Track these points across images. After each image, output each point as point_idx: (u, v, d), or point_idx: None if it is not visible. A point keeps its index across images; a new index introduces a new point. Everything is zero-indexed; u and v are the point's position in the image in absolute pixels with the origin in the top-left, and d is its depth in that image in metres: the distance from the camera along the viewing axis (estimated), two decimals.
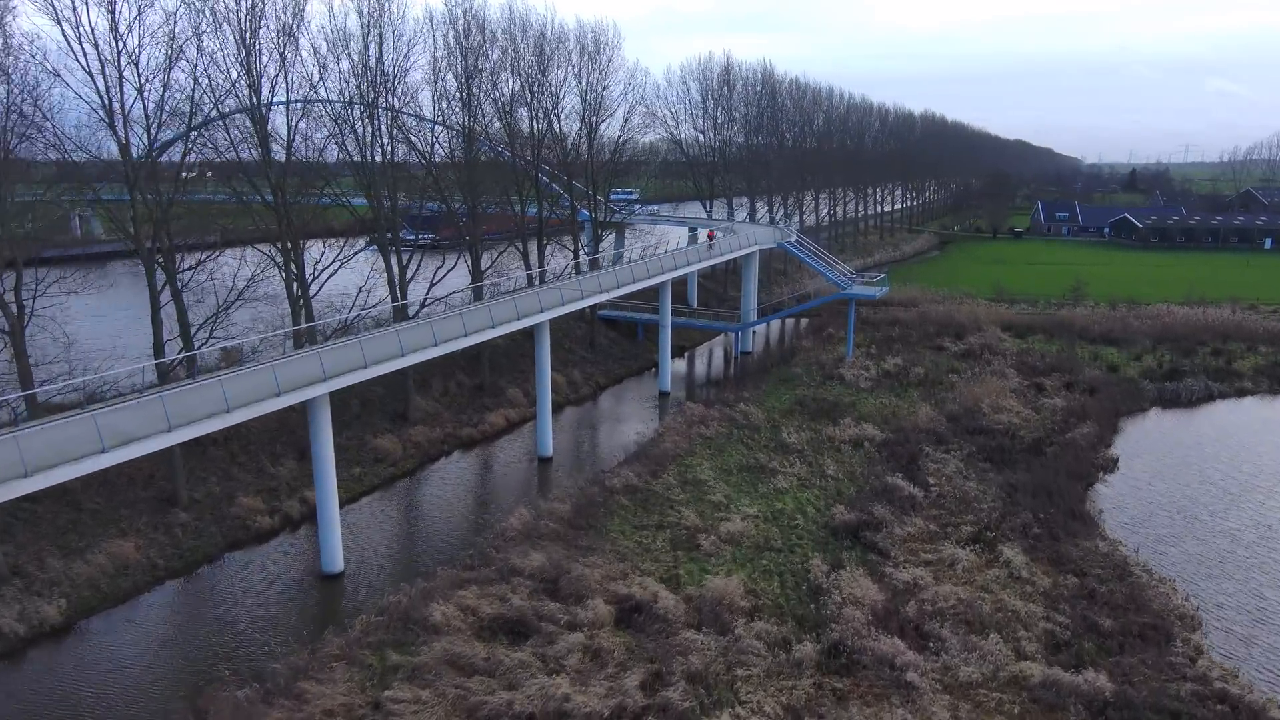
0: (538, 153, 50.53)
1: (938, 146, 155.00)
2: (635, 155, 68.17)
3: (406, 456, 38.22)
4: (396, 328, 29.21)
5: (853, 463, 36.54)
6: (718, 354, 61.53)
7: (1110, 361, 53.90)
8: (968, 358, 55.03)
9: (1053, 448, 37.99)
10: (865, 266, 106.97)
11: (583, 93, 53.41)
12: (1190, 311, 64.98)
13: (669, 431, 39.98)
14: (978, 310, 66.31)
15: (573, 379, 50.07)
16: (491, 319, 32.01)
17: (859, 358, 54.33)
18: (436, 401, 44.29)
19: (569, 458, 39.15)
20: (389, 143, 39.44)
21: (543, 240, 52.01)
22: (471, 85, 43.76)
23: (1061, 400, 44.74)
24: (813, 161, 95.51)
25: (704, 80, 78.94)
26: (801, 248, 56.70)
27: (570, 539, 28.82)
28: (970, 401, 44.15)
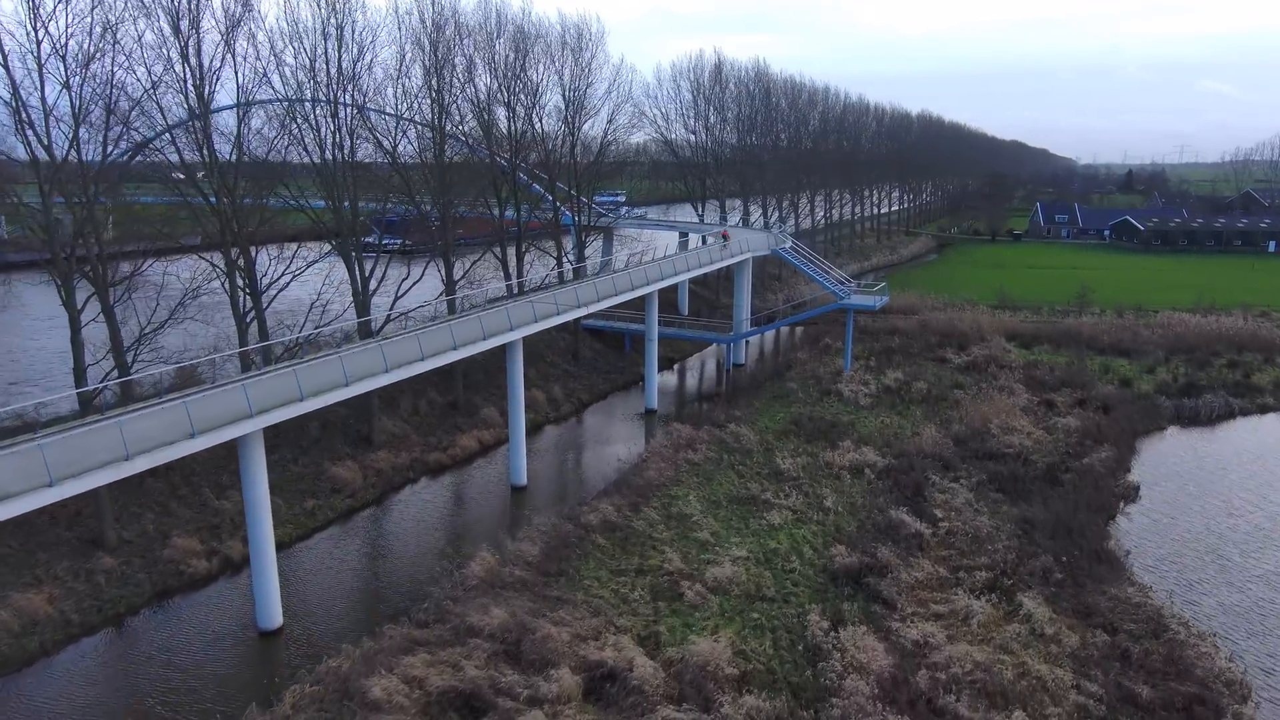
0: (515, 152, 47.44)
1: (935, 147, 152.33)
2: (622, 156, 65.16)
3: (367, 486, 35.07)
4: (341, 352, 26.09)
5: (853, 493, 33.55)
6: (709, 366, 58.54)
7: (1122, 375, 51.06)
8: (972, 371, 52.13)
9: (1069, 475, 35.05)
10: (862, 271, 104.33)
11: (565, 90, 50.38)
12: (1203, 320, 62.22)
13: (654, 457, 36.92)
14: (980, 318, 63.39)
15: (553, 395, 46.98)
16: (453, 339, 28.89)
17: (858, 371, 51.39)
18: (405, 422, 41.15)
19: (544, 487, 36.06)
20: (350, 141, 36.28)
21: (521, 246, 48.87)
22: (441, 79, 40.67)
23: (1075, 420, 41.82)
24: (808, 163, 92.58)
25: (695, 79, 75.99)
26: (797, 254, 53.72)
27: (539, 588, 25.74)
28: (978, 421, 41.20)
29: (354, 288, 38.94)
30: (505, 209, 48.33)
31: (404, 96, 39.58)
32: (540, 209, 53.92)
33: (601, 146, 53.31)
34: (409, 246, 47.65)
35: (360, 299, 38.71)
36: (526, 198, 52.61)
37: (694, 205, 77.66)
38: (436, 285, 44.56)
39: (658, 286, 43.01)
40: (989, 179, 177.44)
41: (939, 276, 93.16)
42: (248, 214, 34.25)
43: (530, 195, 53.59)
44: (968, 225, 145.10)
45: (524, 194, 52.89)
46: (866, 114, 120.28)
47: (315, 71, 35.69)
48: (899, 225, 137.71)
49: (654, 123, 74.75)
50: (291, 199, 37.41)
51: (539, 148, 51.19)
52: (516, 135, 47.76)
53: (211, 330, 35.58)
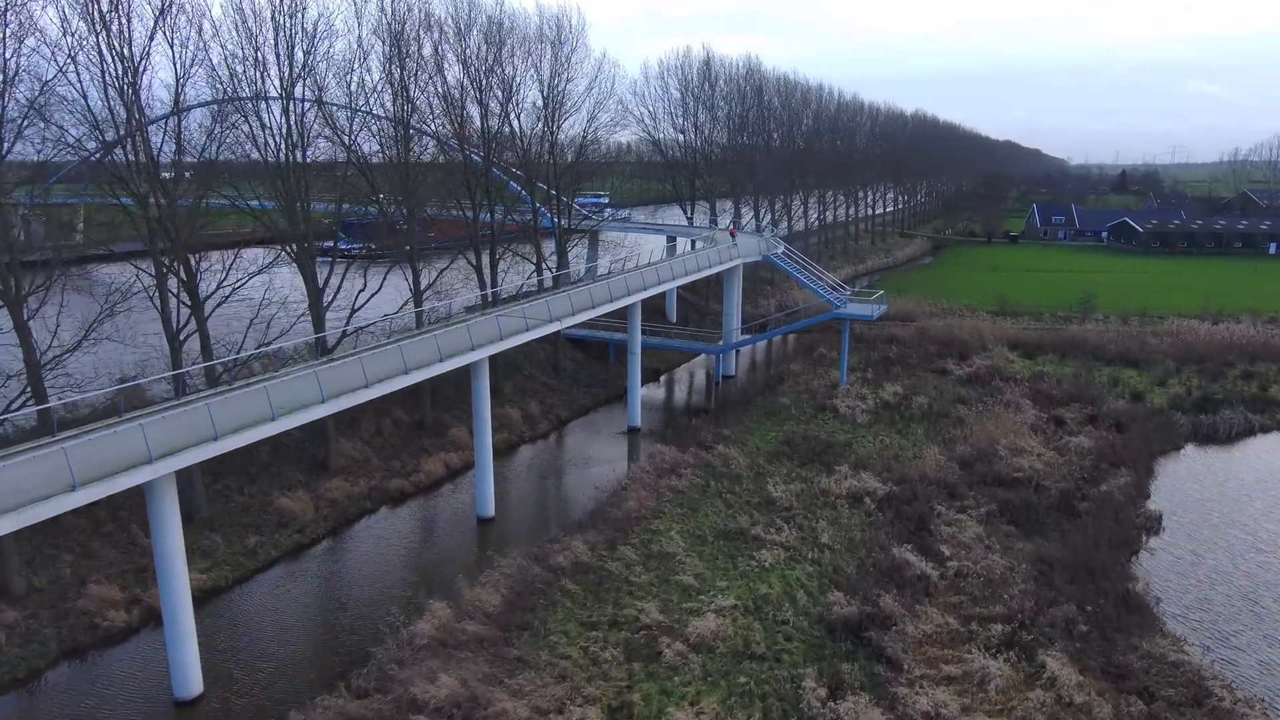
0: (488, 151, 44.34)
1: (930, 147, 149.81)
2: (605, 155, 62.13)
3: (318, 518, 31.92)
4: (269, 380, 22.94)
5: (851, 526, 30.60)
6: (698, 376, 55.54)
7: (1134, 388, 48.33)
8: (975, 383, 49.30)
9: (1086, 503, 32.20)
10: (856, 274, 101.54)
11: (543, 86, 47.30)
12: (1213, 329, 59.62)
13: (634, 484, 33.89)
14: (981, 326, 60.65)
15: (529, 413, 43.86)
16: (404, 363, 25.79)
17: (854, 384, 48.50)
18: (365, 444, 38.01)
19: (514, 518, 32.99)
20: (302, 137, 33.10)
21: (495, 251, 45.74)
22: (404, 70, 37.58)
23: (1088, 439, 39.01)
24: (802, 163, 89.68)
25: (683, 76, 73.04)
26: (790, 260, 50.79)
27: (498, 645, 22.70)
28: (984, 441, 38.36)
29: (310, 298, 35.80)
30: (479, 210, 45.24)
31: (364, 89, 36.47)
32: (518, 210, 50.81)
33: (582, 145, 50.23)
34: (375, 251, 44.34)
35: (316, 310, 35.55)
36: (503, 198, 49.52)
37: (682, 207, 74.69)
38: (403, 293, 41.39)
39: (640, 297, 39.99)
40: (984, 179, 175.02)
41: (936, 280, 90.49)
42: (187, 216, 31.07)
43: (507, 195, 50.49)
44: (963, 227, 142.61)
45: (500, 194, 49.83)
46: (861, 113, 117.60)
47: (264, 63, 32.54)
48: (893, 227, 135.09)
49: (640, 121, 71.87)
50: (239, 199, 34.18)
51: (515, 145, 48.13)
52: (490, 132, 44.65)
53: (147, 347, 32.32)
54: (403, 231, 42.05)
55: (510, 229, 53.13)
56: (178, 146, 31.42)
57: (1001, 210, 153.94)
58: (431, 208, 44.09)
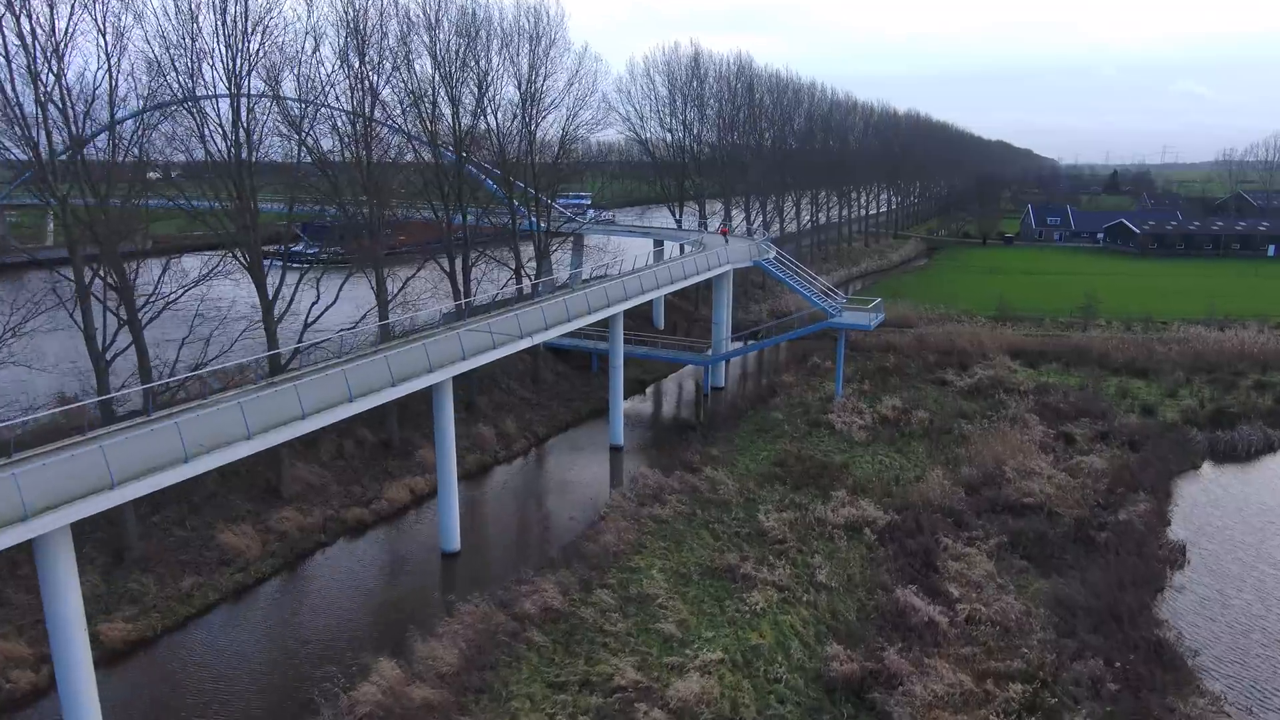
0: (460, 148, 41.53)
1: (923, 147, 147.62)
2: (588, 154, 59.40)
3: (266, 554, 29.04)
4: (179, 416, 20.04)
5: (850, 560, 27.96)
6: (687, 387, 52.81)
7: (1143, 399, 45.92)
8: (977, 395, 46.80)
9: (1104, 533, 29.64)
10: (850, 277, 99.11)
11: (520, 81, 44.51)
12: (1222, 336, 57.29)
13: (614, 513, 31.17)
14: (981, 334, 58.20)
15: (504, 430, 41.04)
16: (348, 389, 22.97)
17: (850, 396, 45.91)
18: (324, 468, 35.15)
19: (481, 553, 30.17)
20: (245, 134, 30.19)
21: (468, 257, 42.89)
22: (364, 62, 34.76)
23: (1100, 459, 36.50)
24: (794, 163, 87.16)
25: (671, 73, 70.35)
26: (782, 266, 48.17)
27: (452, 713, 19.93)
28: (990, 462, 35.81)
29: (263, 309, 32.87)
30: (452, 212, 42.39)
31: (321, 81, 33.62)
32: (494, 211, 48.00)
33: (562, 143, 47.47)
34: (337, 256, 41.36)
35: (268, 323, 32.65)
36: (478, 198, 46.70)
37: (670, 209, 71.99)
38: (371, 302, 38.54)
39: (622, 308, 37.23)
40: (977, 180, 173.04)
41: (932, 284, 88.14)
42: (120, 217, 28.16)
43: (482, 195, 47.61)
44: (958, 228, 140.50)
45: (475, 193, 47.03)
46: (854, 112, 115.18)
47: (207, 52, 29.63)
48: (887, 228, 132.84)
49: (626, 120, 69.19)
50: (180, 199, 31.25)
51: (490, 143, 45.35)
52: (461, 130, 41.83)
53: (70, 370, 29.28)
54: (366, 235, 39.18)
55: (487, 231, 50.38)
56: (111, 142, 28.59)
57: (996, 211, 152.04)
58: (399, 209, 41.24)
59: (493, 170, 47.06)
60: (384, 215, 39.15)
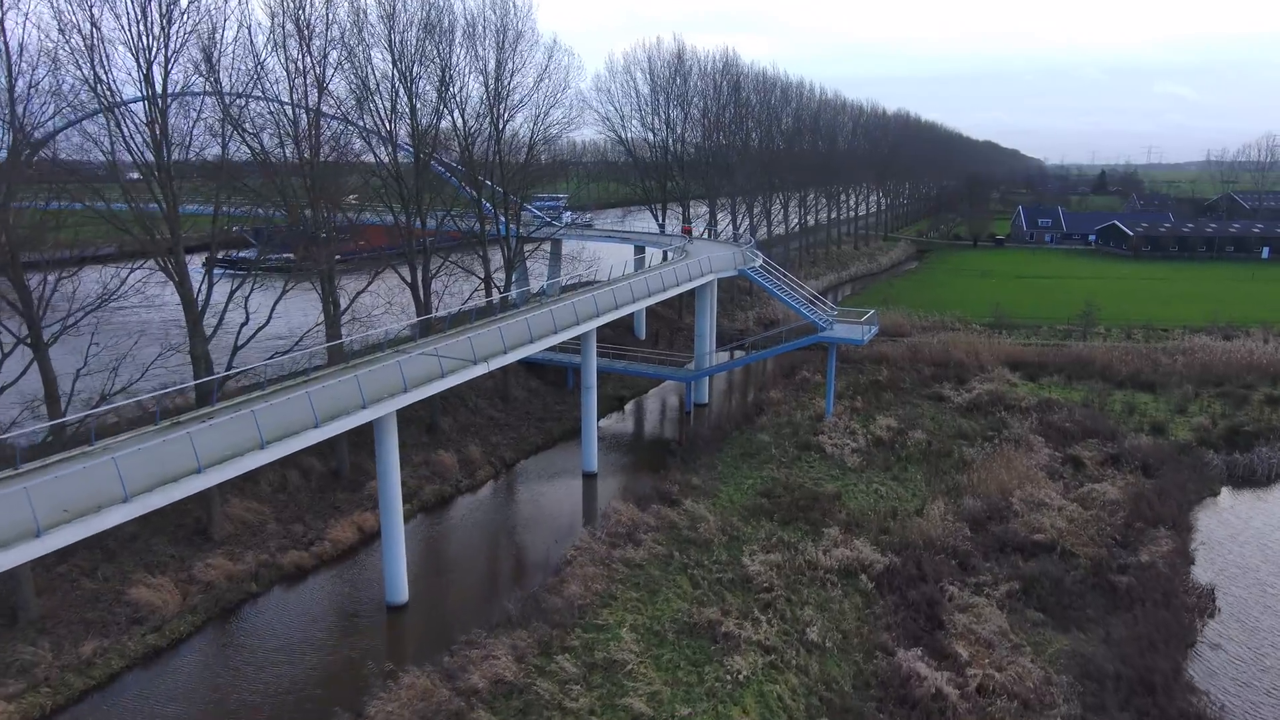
0: (419, 146, 38.24)
1: (913, 148, 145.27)
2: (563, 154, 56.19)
3: (186, 609, 25.66)
4: (29, 479, 16.62)
5: (845, 613, 24.93)
6: (669, 403, 49.60)
7: (1152, 417, 43.22)
8: (976, 413, 43.95)
9: (1125, 578, 26.75)
10: (840, 281, 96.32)
11: (486, 77, 41.22)
12: (1229, 346, 54.81)
13: (582, 556, 27.98)
14: (977, 344, 55.42)
15: (468, 456, 37.75)
16: (259, 434, 19.69)
17: (841, 414, 42.95)
18: (263, 503, 31.77)
19: (431, 605, 26.86)
20: (161, 132, 26.81)
21: (428, 265, 39.56)
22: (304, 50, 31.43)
23: (1113, 487, 33.66)
24: (782, 163, 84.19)
25: (652, 69, 67.19)
26: (769, 275, 45.13)
27: None
28: (995, 491, 32.94)
29: (189, 326, 29.43)
30: (413, 215, 39.04)
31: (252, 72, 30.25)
32: (461, 215, 44.69)
33: (531, 144, 44.19)
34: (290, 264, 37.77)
35: (196, 344, 29.23)
36: (443, 200, 43.38)
37: (653, 211, 68.87)
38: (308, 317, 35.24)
39: (594, 325, 34.04)
40: (966, 180, 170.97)
41: (923, 288, 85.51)
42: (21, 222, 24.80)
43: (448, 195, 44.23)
44: (948, 230, 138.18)
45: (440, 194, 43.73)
46: (842, 111, 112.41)
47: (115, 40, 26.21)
48: (876, 230, 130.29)
49: (606, 119, 66.01)
50: (93, 201, 27.79)
51: (456, 142, 42.08)
52: (420, 127, 38.55)
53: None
54: (321, 241, 35.86)
55: (454, 237, 47.08)
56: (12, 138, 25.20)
57: (986, 212, 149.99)
58: (355, 212, 37.94)
59: (457, 168, 43.78)
60: (333, 219, 35.78)
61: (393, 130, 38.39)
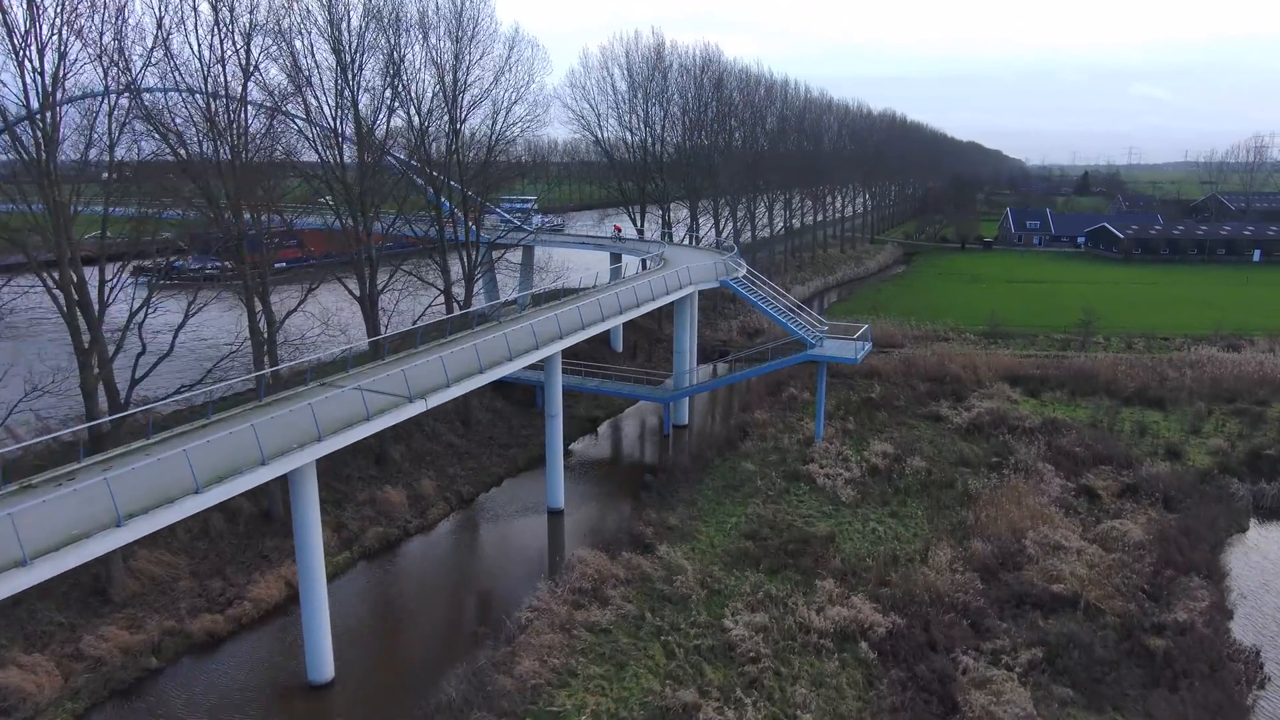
0: (362, 145, 34.35)
1: (899, 148, 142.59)
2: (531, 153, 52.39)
3: (66, 694, 21.69)
4: None
5: (843, 691, 21.39)
6: (650, 423, 45.79)
7: (1165, 438, 40.15)
8: (977, 435, 40.64)
9: (1162, 641, 23.39)
10: (826, 287, 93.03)
11: (440, 68, 37.34)
12: (1238, 359, 51.98)
13: (539, 620, 24.24)
14: (974, 357, 52.25)
15: (420, 491, 33.89)
16: (116, 509, 15.80)
17: (832, 439, 39.50)
18: (178, 554, 27.77)
19: (360, 685, 22.97)
20: (46, 121, 22.85)
21: (375, 276, 35.66)
22: (219, 33, 27.48)
23: (1135, 525, 30.36)
24: (766, 164, 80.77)
25: (630, 65, 63.51)
26: (753, 287, 41.58)
27: None
28: (1006, 532, 29.57)
29: (76, 352, 25.34)
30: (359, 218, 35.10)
31: (170, 58, 26.30)
32: (416, 216, 40.81)
33: (491, 145, 40.32)
34: (198, 274, 33.60)
35: (85, 376, 25.17)
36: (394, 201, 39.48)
37: (630, 214, 65.18)
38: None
39: (559, 348, 30.25)
40: (952, 181, 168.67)
41: (913, 294, 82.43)
42: None
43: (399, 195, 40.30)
44: (935, 232, 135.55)
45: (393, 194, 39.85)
46: (828, 111, 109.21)
47: None
48: (862, 232, 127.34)
49: (580, 117, 62.28)
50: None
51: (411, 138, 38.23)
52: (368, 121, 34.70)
53: None
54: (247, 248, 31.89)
55: (411, 241, 43.15)
56: None
57: (973, 214, 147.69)
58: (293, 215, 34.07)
59: (410, 162, 39.89)
60: (268, 223, 31.88)
61: (336, 126, 34.46)
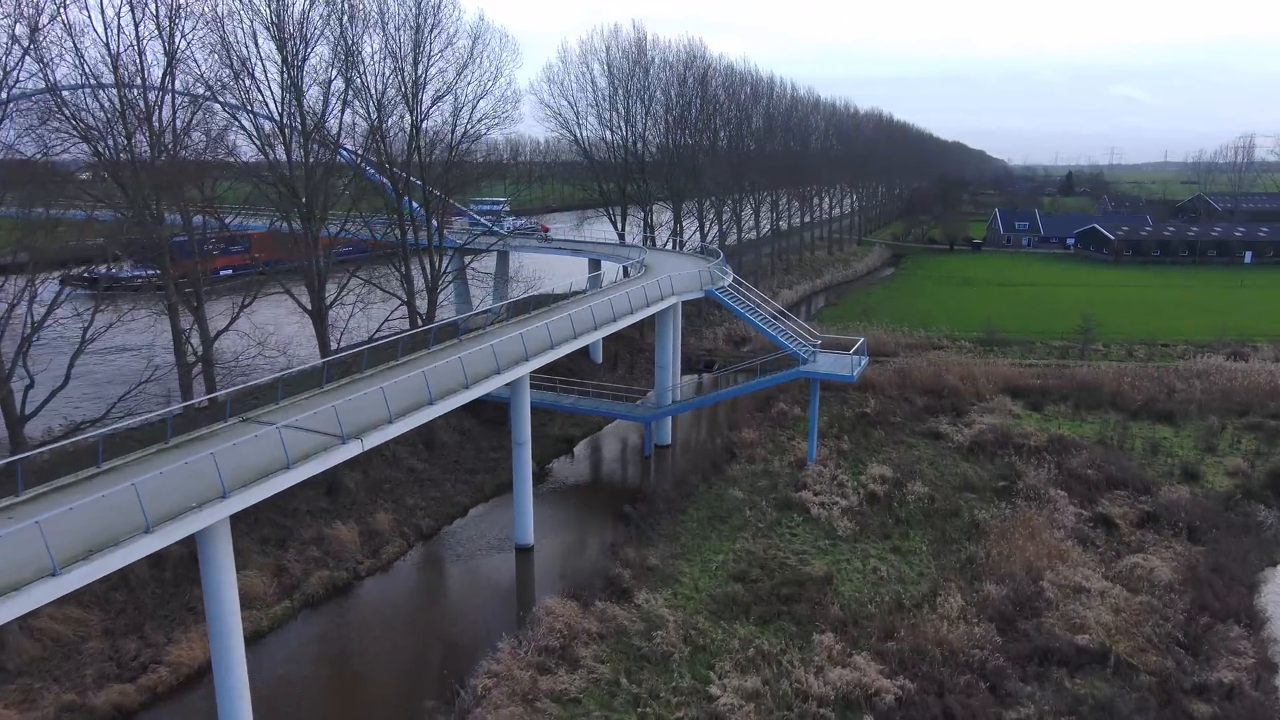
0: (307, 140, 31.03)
1: (886, 148, 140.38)
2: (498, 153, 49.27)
3: None
4: None
5: None
6: (631, 441, 42.60)
7: (1180, 457, 37.65)
8: (980, 455, 37.93)
9: (1208, 707, 20.64)
10: (814, 290, 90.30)
11: (398, 59, 34.11)
12: (1247, 369, 49.72)
13: (497, 689, 21.10)
14: (972, 368, 49.61)
15: (374, 526, 30.62)
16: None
17: (826, 461, 36.65)
18: (89, 609, 24.40)
19: None
20: None
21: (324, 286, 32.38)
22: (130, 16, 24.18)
23: (1161, 562, 27.61)
24: (752, 165, 77.89)
25: (610, 61, 60.39)
26: (741, 296, 38.63)
27: None
28: (1019, 569, 26.80)
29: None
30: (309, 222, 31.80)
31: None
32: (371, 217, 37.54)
33: (453, 145, 37.08)
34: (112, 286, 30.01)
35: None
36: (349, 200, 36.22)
37: (611, 217, 62.09)
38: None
39: (525, 370, 27.10)
40: (939, 182, 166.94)
41: (904, 298, 79.92)
42: None
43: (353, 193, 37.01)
44: (923, 233, 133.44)
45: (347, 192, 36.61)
46: (815, 110, 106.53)
47: None
48: (849, 233, 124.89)
49: (559, 115, 59.14)
50: None
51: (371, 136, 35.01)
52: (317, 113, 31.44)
53: None
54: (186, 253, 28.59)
55: (374, 246, 39.85)
56: None
57: (961, 215, 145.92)
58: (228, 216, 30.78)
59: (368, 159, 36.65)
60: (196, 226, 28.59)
61: (281, 119, 31.12)
